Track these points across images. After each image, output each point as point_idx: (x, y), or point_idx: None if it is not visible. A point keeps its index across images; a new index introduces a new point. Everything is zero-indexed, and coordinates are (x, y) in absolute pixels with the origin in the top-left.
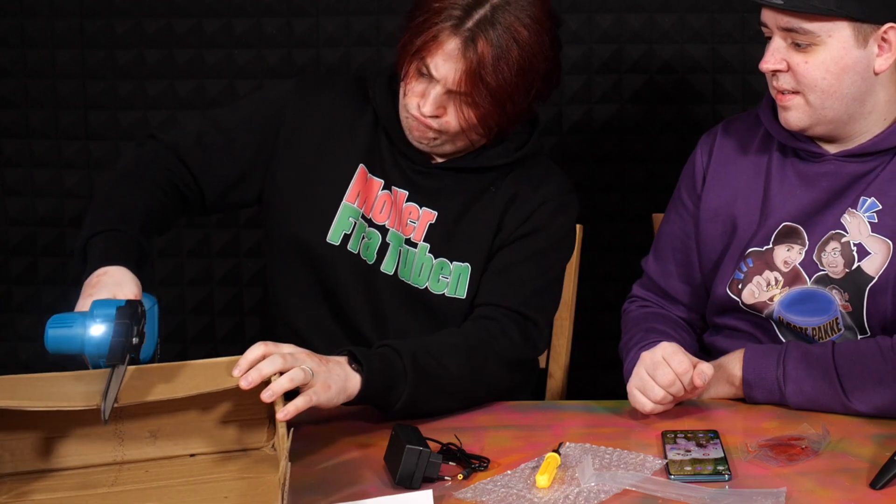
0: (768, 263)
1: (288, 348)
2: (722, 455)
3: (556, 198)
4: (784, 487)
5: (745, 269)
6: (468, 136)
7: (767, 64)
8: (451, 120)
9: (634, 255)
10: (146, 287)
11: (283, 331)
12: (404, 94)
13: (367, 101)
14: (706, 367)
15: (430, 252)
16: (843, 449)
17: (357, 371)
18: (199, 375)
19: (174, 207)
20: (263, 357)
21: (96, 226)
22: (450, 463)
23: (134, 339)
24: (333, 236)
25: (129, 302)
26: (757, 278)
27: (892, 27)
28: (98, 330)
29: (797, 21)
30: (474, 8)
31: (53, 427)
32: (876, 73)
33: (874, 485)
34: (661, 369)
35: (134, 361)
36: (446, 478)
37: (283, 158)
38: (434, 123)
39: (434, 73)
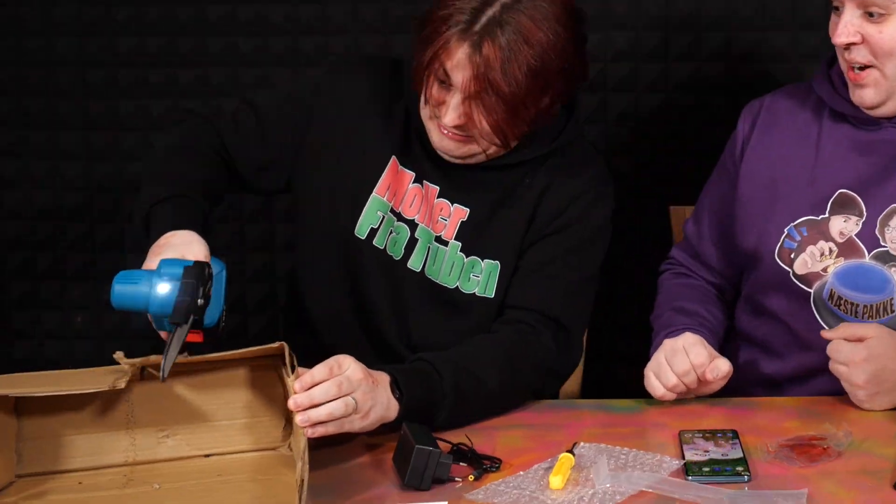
0: (823, 233)
1: (348, 370)
2: (741, 455)
3: (591, 189)
4: (805, 489)
5: (797, 237)
6: (481, 145)
7: (841, 37)
8: (475, 128)
9: (651, 247)
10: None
11: (302, 325)
12: (425, 104)
13: (401, 89)
14: (722, 363)
15: (461, 251)
16: (866, 449)
17: (397, 399)
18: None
19: (224, 178)
20: (328, 378)
21: (159, 193)
22: (460, 463)
23: (199, 301)
24: (360, 230)
25: (196, 263)
26: (811, 248)
27: None
28: (164, 288)
29: None
30: (482, 10)
31: (64, 426)
32: None
33: None
34: (678, 357)
35: (197, 324)
36: (457, 479)
37: (314, 147)
38: (459, 133)
39: (451, 79)
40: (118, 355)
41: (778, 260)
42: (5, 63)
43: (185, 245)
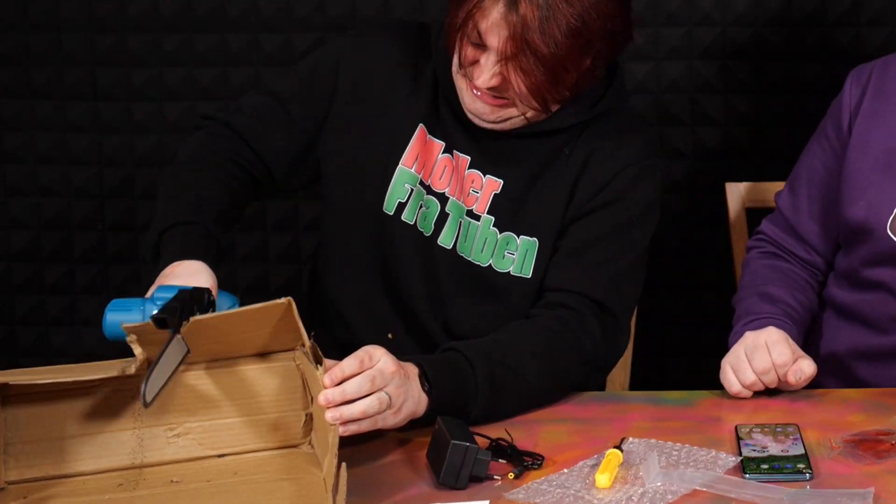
0: None
1: (380, 363)
2: (802, 452)
3: (637, 162)
4: (872, 487)
5: None
6: (521, 109)
7: None
8: (510, 93)
9: (704, 228)
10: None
11: (328, 312)
12: (459, 67)
13: (429, 54)
14: (806, 366)
15: (494, 226)
16: None
17: (427, 393)
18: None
19: (246, 193)
20: (359, 373)
21: (168, 219)
22: (500, 460)
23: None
24: (388, 205)
25: (196, 288)
26: None
27: None
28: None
29: None
30: None
31: (61, 426)
32: None
33: None
34: (759, 354)
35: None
36: (496, 477)
37: (338, 119)
38: (493, 94)
39: (486, 40)
40: (132, 339)
41: (890, 233)
42: (10, 29)
43: (190, 275)
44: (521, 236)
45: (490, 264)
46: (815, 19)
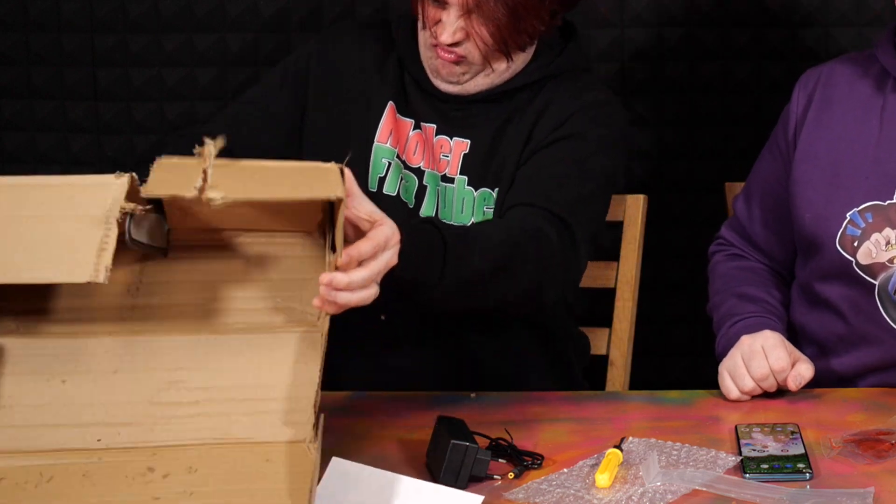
0: (890, 220)
1: (388, 252)
2: (802, 451)
3: (597, 106)
4: (872, 487)
5: (862, 224)
6: (488, 58)
7: None
8: (472, 45)
9: (704, 228)
10: None
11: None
12: (422, 28)
13: (392, 44)
14: (805, 370)
15: (468, 185)
16: None
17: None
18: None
19: None
20: (371, 256)
21: None
22: (499, 460)
23: None
24: (371, 183)
25: None
26: (876, 235)
27: None
28: None
29: None
30: None
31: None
32: None
33: None
34: (756, 360)
35: None
36: (495, 477)
37: (315, 119)
38: (457, 51)
39: None
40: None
41: (839, 248)
42: (10, 29)
43: None
44: (496, 189)
45: (472, 223)
46: (816, 19)
